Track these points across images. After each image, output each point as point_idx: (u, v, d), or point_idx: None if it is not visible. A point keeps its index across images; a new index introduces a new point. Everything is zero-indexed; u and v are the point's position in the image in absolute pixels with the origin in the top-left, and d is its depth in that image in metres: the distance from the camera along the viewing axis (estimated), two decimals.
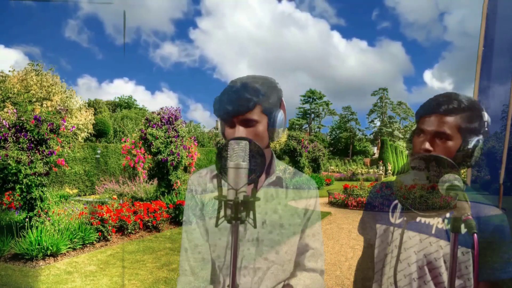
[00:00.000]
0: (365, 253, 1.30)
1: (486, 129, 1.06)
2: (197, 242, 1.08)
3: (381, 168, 29.43)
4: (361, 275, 1.33)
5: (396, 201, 1.18)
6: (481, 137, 1.04)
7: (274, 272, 1.06)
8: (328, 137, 58.53)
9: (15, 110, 5.42)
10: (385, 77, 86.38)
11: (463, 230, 0.76)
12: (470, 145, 1.03)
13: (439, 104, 1.06)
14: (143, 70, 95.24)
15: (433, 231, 1.06)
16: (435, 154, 0.98)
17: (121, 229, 6.43)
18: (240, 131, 1.01)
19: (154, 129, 7.89)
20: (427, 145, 1.06)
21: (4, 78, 9.76)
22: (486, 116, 1.05)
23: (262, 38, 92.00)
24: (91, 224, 5.89)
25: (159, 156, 7.85)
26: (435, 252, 1.04)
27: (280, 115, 1.05)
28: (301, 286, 1.06)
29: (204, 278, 1.05)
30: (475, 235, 0.72)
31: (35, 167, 5.17)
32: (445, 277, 1.03)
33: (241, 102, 0.98)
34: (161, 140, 7.85)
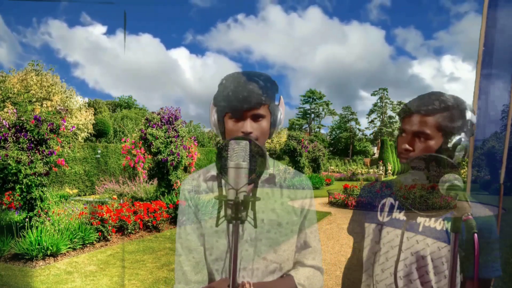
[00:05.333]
0: (354, 252, 1.31)
1: (470, 127, 1.06)
2: (192, 246, 1.07)
3: (381, 168, 29.46)
4: (349, 274, 1.34)
5: (385, 200, 1.19)
6: (463, 135, 1.04)
7: (273, 272, 1.05)
8: (328, 137, 58.54)
9: (15, 110, 5.42)
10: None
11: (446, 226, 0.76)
12: (450, 144, 1.03)
13: (420, 104, 1.07)
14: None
15: (420, 229, 1.06)
16: (435, 154, 0.98)
17: (121, 229, 6.43)
18: (250, 125, 1.03)
19: (154, 129, 7.89)
20: (406, 145, 1.08)
21: (4, 78, 9.76)
22: (469, 115, 1.05)
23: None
24: (91, 224, 5.89)
25: (159, 156, 7.84)
26: (422, 250, 1.04)
27: (280, 113, 1.08)
28: (302, 277, 1.06)
29: (199, 282, 1.04)
30: (475, 235, 0.72)
31: (35, 167, 5.16)
32: (432, 275, 1.03)
33: (254, 96, 1.01)
34: (161, 140, 7.84)
